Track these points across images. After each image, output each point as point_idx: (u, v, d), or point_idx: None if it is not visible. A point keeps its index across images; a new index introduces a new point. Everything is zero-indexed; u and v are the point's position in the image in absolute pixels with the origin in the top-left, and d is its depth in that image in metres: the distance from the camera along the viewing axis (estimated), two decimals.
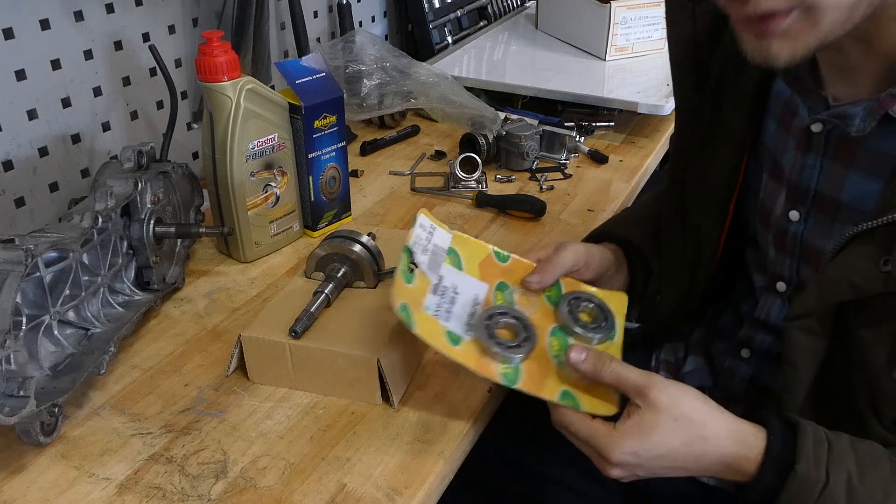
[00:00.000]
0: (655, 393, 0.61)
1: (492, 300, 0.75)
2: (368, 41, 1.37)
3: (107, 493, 0.66)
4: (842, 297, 0.62)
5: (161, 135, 0.99)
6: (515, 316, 0.73)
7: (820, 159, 0.67)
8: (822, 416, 0.66)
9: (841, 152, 0.65)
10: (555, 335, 0.74)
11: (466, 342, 0.69)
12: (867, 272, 0.59)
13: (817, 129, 0.66)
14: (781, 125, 0.72)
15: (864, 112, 0.61)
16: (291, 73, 0.98)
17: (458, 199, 1.16)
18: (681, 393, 0.62)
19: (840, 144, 0.65)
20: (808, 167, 0.68)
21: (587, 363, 0.66)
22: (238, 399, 0.77)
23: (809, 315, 0.65)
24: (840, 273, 0.62)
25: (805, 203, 0.70)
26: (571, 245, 0.79)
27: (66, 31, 0.99)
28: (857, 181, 0.65)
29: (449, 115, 1.36)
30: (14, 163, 0.97)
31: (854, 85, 0.63)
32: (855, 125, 0.61)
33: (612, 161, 1.27)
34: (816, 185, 0.68)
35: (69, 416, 0.74)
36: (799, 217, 0.71)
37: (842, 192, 0.66)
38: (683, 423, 0.61)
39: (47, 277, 0.73)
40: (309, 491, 0.66)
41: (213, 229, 0.94)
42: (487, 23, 1.83)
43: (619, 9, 1.47)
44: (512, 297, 0.76)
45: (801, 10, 0.54)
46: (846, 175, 0.65)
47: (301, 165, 1.01)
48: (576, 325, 0.74)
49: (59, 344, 0.75)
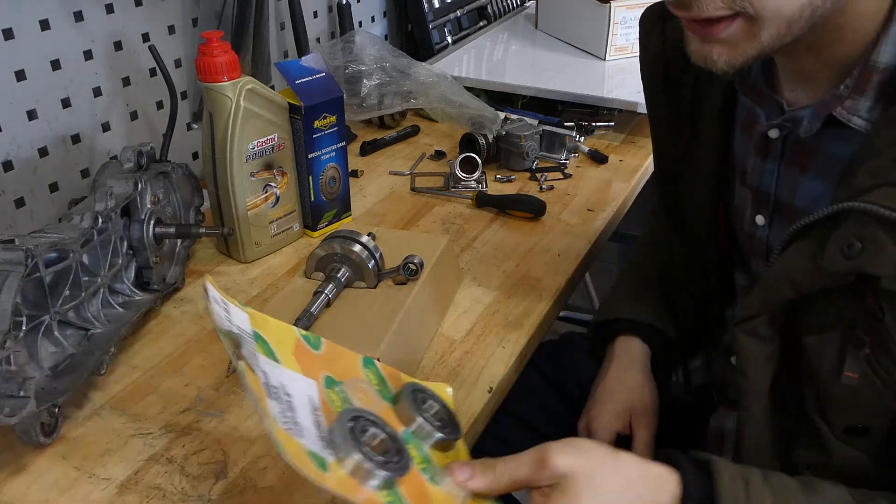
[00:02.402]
0: (556, 459, 0.55)
1: (328, 402, 0.57)
2: (368, 41, 1.37)
3: (107, 494, 0.66)
4: (783, 296, 0.61)
5: (161, 135, 0.99)
6: (373, 420, 0.57)
7: (777, 165, 0.69)
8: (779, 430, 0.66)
9: (796, 157, 0.67)
10: (409, 442, 0.59)
11: (332, 465, 0.52)
12: (805, 268, 0.59)
13: (774, 136, 0.67)
14: (745, 133, 0.73)
15: (811, 113, 0.62)
16: (291, 73, 0.98)
17: (457, 199, 1.16)
18: (580, 446, 0.57)
19: (795, 150, 0.67)
20: (767, 172, 0.70)
21: (477, 481, 0.57)
22: (238, 399, 0.77)
23: (756, 316, 0.64)
24: (782, 271, 0.61)
25: (767, 208, 0.71)
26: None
27: (66, 31, 0.99)
28: (810, 186, 0.66)
29: (449, 115, 1.36)
30: (14, 163, 0.97)
31: (809, 90, 0.64)
32: (803, 127, 0.63)
33: (612, 161, 1.27)
34: (776, 190, 0.70)
35: (69, 416, 0.74)
36: (764, 222, 0.72)
37: (797, 197, 0.67)
38: (599, 479, 0.55)
39: (47, 278, 0.73)
40: (309, 491, 0.66)
41: (213, 229, 0.94)
42: (487, 23, 1.83)
43: (619, 9, 1.47)
44: (348, 395, 0.59)
45: (743, 18, 0.55)
46: (801, 180, 0.66)
47: (301, 165, 1.01)
48: (431, 426, 0.60)
49: (59, 344, 0.75)
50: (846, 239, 0.54)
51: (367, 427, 0.56)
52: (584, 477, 0.55)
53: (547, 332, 0.91)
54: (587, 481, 0.54)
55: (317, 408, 0.56)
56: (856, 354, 0.58)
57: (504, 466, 0.56)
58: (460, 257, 1.01)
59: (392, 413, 0.61)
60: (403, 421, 0.60)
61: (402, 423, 0.60)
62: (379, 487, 0.53)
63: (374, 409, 0.59)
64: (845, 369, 0.59)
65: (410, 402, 0.61)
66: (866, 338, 0.57)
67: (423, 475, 0.57)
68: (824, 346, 0.60)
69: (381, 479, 0.53)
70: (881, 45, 0.57)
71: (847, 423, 0.61)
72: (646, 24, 0.78)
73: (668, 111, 0.79)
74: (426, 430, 0.60)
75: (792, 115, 0.65)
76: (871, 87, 0.58)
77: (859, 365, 0.58)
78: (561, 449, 0.56)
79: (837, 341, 0.59)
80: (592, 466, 0.55)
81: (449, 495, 0.57)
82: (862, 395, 0.59)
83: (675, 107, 0.78)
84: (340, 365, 0.62)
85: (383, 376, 0.64)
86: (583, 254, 1.02)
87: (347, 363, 0.63)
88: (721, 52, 0.58)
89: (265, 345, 0.57)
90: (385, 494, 0.53)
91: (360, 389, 0.60)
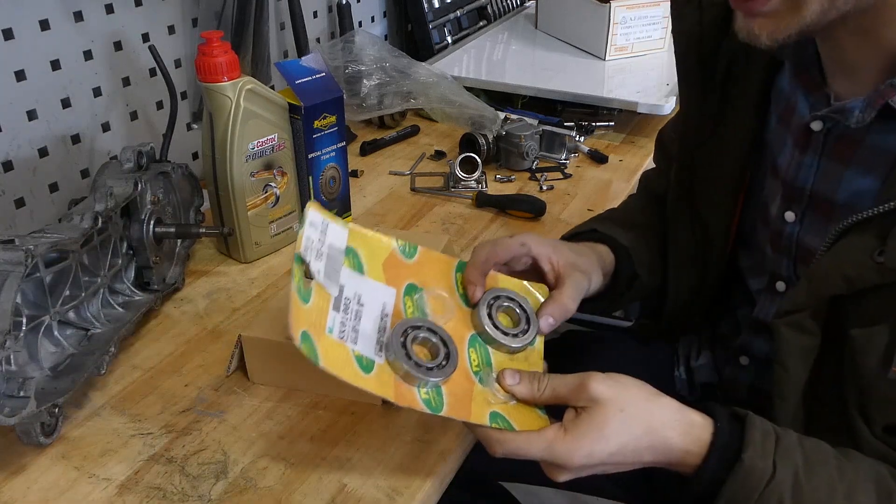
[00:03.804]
0: (595, 385, 0.59)
1: (401, 308, 0.65)
2: (368, 41, 1.37)
3: (107, 494, 0.66)
4: (834, 291, 0.61)
5: (161, 135, 0.99)
6: (431, 328, 0.64)
7: (818, 158, 0.67)
8: (814, 424, 0.65)
9: (839, 151, 0.65)
10: (473, 346, 0.67)
11: (379, 366, 0.60)
12: (861, 264, 0.59)
13: (817, 128, 0.66)
14: (781, 122, 0.72)
15: (864, 103, 0.61)
16: (291, 73, 0.98)
17: (457, 199, 1.16)
18: (621, 381, 0.60)
19: (839, 142, 0.65)
20: (805, 166, 0.68)
21: (522, 388, 0.63)
22: (238, 399, 0.77)
23: (800, 310, 0.64)
24: (833, 266, 0.61)
25: (801, 203, 0.70)
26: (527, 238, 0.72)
27: (66, 31, 0.99)
28: (853, 180, 0.64)
29: (449, 115, 1.36)
30: (14, 163, 0.97)
31: (855, 82, 0.63)
32: (854, 117, 0.61)
33: (612, 161, 1.27)
34: (813, 184, 0.68)
35: (69, 416, 0.74)
36: (794, 218, 0.71)
37: (838, 192, 0.66)
38: (630, 412, 0.59)
39: (47, 278, 0.73)
40: (309, 491, 0.66)
41: (213, 230, 0.94)
42: (487, 23, 1.83)
43: (619, 9, 1.47)
44: (424, 302, 0.67)
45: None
46: (843, 174, 0.65)
47: (301, 165, 1.01)
48: (496, 332, 0.67)
49: (60, 344, 0.75)
50: None
51: (418, 334, 0.63)
52: (614, 407, 0.58)
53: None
54: (616, 412, 0.58)
55: (387, 314, 0.64)
56: None
57: (549, 382, 0.62)
58: (460, 257, 1.00)
59: (468, 317, 0.68)
60: (474, 325, 0.67)
61: (472, 327, 0.67)
62: (419, 386, 0.60)
63: (447, 315, 0.67)
64: (893, 364, 0.58)
65: (484, 308, 0.67)
66: None
67: (474, 377, 0.64)
68: (871, 339, 0.60)
69: (422, 381, 0.60)
70: None
71: (888, 420, 0.61)
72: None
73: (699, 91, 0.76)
74: (491, 335, 0.66)
75: (840, 107, 0.63)
76: None
77: None
78: (602, 379, 0.59)
79: (886, 336, 0.59)
80: (626, 399, 0.59)
81: (489, 395, 0.63)
82: None
83: (706, 87, 0.75)
84: (431, 271, 0.69)
85: None
86: None
87: (440, 267, 0.70)
88: (763, 26, 0.58)
89: (355, 258, 0.65)
90: (424, 392, 0.60)
91: (435, 297, 0.68)
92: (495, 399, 0.63)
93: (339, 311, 0.60)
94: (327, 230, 0.63)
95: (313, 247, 0.61)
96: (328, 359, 0.57)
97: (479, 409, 0.62)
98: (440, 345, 0.64)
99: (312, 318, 0.58)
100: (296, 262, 0.59)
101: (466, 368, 0.64)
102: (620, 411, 0.58)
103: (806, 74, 0.68)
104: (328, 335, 0.59)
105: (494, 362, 0.66)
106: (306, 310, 0.58)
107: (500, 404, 0.63)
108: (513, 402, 0.63)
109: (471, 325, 0.68)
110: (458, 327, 0.67)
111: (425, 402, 0.60)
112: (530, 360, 0.68)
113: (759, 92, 0.72)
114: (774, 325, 0.66)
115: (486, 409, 0.62)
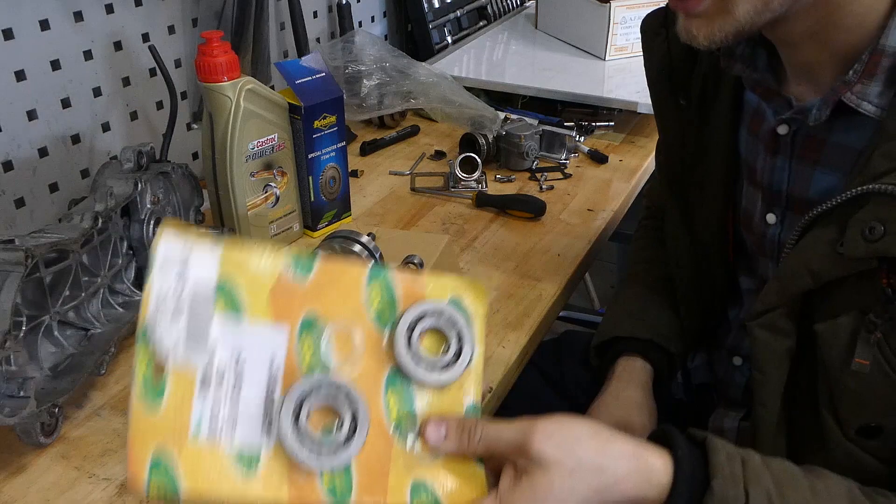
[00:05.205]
0: (538, 445, 0.51)
1: (296, 360, 0.51)
2: (368, 41, 1.37)
3: (107, 494, 0.66)
4: (803, 287, 0.61)
5: (161, 135, 0.99)
6: (334, 388, 0.51)
7: (788, 161, 0.69)
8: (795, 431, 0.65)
9: (806, 151, 0.67)
10: (392, 386, 0.53)
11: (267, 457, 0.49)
12: (824, 257, 0.59)
13: (783, 132, 0.67)
14: (751, 132, 0.73)
15: (820, 102, 0.62)
16: (291, 73, 0.98)
17: (457, 199, 1.16)
18: (568, 435, 0.52)
19: (805, 144, 0.67)
20: (778, 169, 0.70)
21: (450, 443, 0.52)
22: None
23: (772, 310, 0.64)
24: (799, 261, 0.61)
25: (780, 205, 0.71)
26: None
27: (66, 31, 0.99)
28: (822, 178, 0.66)
29: (449, 115, 1.36)
30: (14, 163, 0.97)
31: (814, 84, 0.64)
32: (812, 116, 0.63)
33: (612, 161, 1.27)
34: (788, 186, 0.70)
35: (69, 416, 0.74)
36: (775, 220, 0.72)
37: (809, 191, 0.67)
38: (580, 474, 0.51)
39: (47, 278, 0.73)
40: None
41: (213, 230, 0.94)
42: (487, 23, 1.83)
43: (619, 9, 1.47)
44: (325, 342, 0.52)
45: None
46: (813, 173, 0.66)
47: (301, 165, 1.01)
48: (417, 370, 0.53)
49: (60, 344, 0.75)
50: (867, 222, 0.54)
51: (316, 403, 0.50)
52: (561, 470, 0.51)
53: (547, 332, 0.91)
54: (563, 475, 0.51)
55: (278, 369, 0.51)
56: (867, 339, 0.58)
57: (482, 434, 0.52)
58: (460, 257, 1.01)
59: (383, 350, 0.53)
60: (392, 357, 0.53)
61: (389, 360, 0.53)
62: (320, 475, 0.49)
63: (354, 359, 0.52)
64: (856, 356, 0.58)
65: (403, 338, 0.53)
66: (878, 321, 0.57)
67: (393, 433, 0.51)
68: (836, 332, 0.60)
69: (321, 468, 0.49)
70: (889, 29, 0.57)
71: (860, 421, 0.60)
72: (649, 31, 0.78)
73: (677, 118, 0.78)
74: (412, 374, 0.52)
75: (800, 108, 0.65)
76: (881, 72, 0.58)
77: (870, 350, 0.58)
78: (548, 435, 0.51)
79: (849, 327, 0.59)
80: (575, 459, 0.51)
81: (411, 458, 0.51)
82: (873, 386, 0.58)
83: (684, 114, 0.77)
84: (333, 291, 0.53)
85: (394, 293, 0.54)
86: (583, 254, 1.02)
87: (345, 283, 0.53)
88: (700, 27, 0.59)
89: (231, 297, 0.51)
90: (329, 482, 0.49)
91: (340, 335, 0.53)
92: (419, 461, 0.52)
93: (209, 390, 0.48)
94: (188, 263, 0.50)
95: (168, 303, 0.48)
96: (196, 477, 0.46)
97: (399, 480, 0.51)
98: (346, 409, 0.51)
99: (168, 425, 0.46)
100: (139, 343, 0.47)
101: (382, 423, 0.52)
102: (568, 475, 0.51)
103: (760, 86, 0.69)
104: (193, 441, 0.47)
105: (419, 405, 0.53)
106: (157, 420, 0.47)
107: (425, 467, 0.52)
108: (441, 457, 0.53)
109: (387, 358, 0.53)
110: (372, 369, 0.53)
111: (329, 492, 0.49)
112: (466, 385, 0.55)
113: (731, 108, 0.74)
114: (749, 328, 0.66)
115: (408, 479, 0.52)
